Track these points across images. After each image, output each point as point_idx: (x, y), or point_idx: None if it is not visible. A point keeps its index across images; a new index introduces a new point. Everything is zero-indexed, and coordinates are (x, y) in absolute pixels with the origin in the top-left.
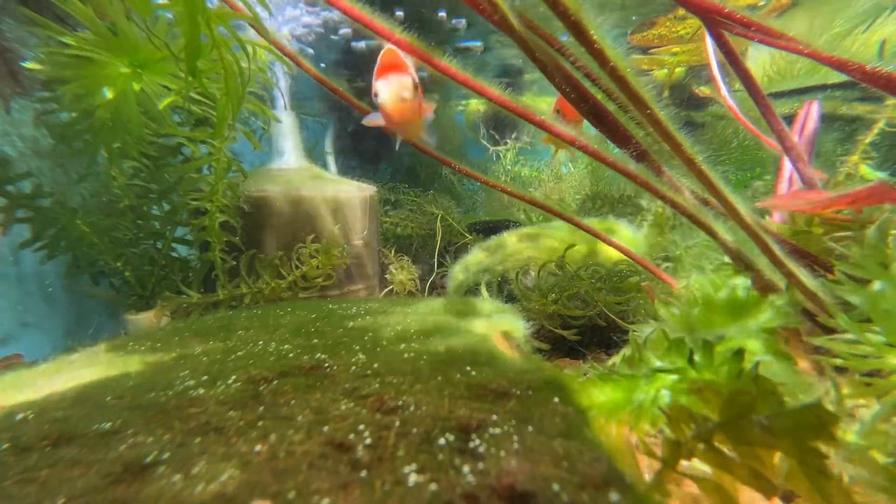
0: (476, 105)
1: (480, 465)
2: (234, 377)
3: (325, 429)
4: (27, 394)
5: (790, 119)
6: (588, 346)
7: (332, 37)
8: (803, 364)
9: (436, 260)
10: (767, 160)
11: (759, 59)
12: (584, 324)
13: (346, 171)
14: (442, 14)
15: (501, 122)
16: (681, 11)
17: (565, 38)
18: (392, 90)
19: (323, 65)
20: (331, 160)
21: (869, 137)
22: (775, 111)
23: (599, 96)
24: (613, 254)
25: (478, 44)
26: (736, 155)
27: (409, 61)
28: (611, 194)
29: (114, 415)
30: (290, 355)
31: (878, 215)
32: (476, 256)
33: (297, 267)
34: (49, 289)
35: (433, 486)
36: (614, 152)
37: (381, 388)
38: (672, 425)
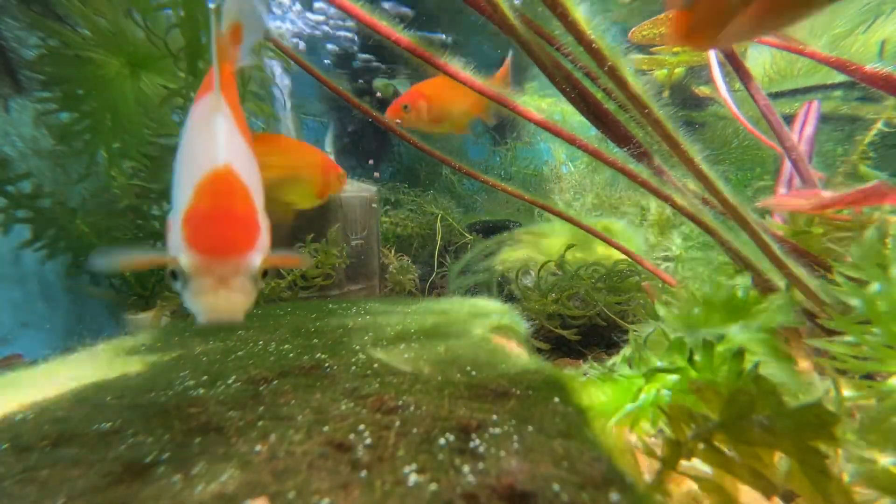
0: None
1: (480, 465)
2: (233, 377)
3: (325, 429)
4: (27, 394)
5: (790, 119)
6: (588, 346)
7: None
8: (803, 364)
9: (436, 260)
10: (767, 160)
11: (759, 59)
12: (584, 324)
13: (345, 170)
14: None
15: (501, 122)
16: None
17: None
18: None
19: (327, 60)
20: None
21: (867, 138)
22: (775, 111)
23: (599, 95)
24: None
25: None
26: (736, 155)
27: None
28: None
29: (114, 415)
30: (290, 355)
31: (878, 215)
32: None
33: None
34: (49, 289)
35: (433, 486)
36: (614, 152)
37: (381, 387)
38: (672, 425)
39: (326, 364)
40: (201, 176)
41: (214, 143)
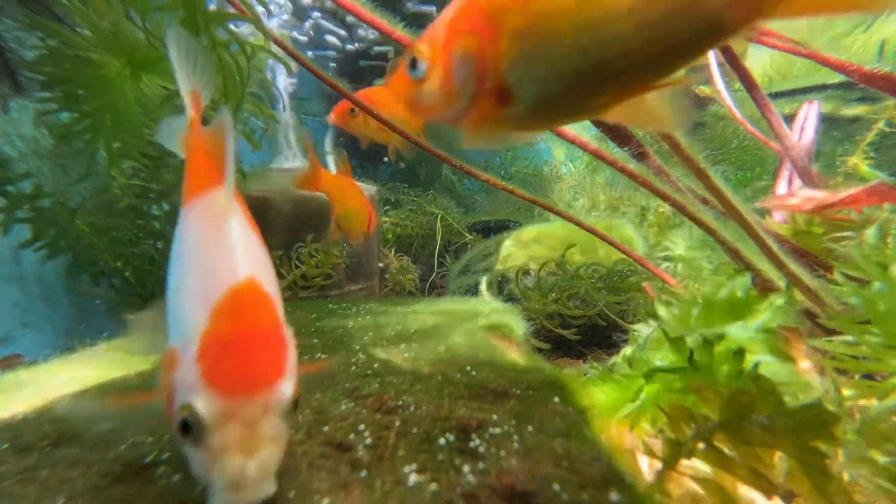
0: None
1: (480, 465)
2: None
3: (326, 428)
4: (28, 393)
5: (790, 119)
6: (588, 346)
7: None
8: (803, 364)
9: (436, 260)
10: (767, 160)
11: (758, 59)
12: (584, 323)
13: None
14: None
15: None
16: None
17: None
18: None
19: (333, 64)
20: (331, 160)
21: (869, 138)
22: (775, 111)
23: None
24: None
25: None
26: (736, 155)
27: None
28: None
29: (114, 415)
30: None
31: (878, 215)
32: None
33: (296, 266)
34: (49, 289)
35: (433, 486)
36: (614, 152)
37: (381, 387)
38: (672, 425)
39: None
40: (220, 294)
41: (232, 253)
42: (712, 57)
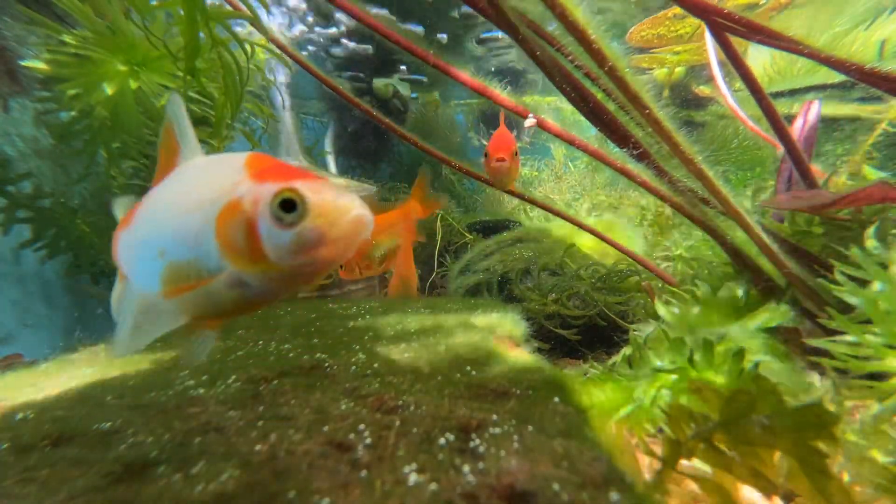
0: None
1: (480, 465)
2: (233, 377)
3: (326, 428)
4: (27, 393)
5: (790, 119)
6: (588, 346)
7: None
8: (803, 364)
9: (436, 260)
10: (767, 160)
11: (759, 59)
12: (585, 323)
13: (346, 170)
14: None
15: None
16: (679, 10)
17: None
18: None
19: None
20: (331, 160)
21: (872, 138)
22: (776, 111)
23: (599, 95)
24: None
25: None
26: (736, 155)
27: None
28: None
29: (114, 414)
30: (290, 355)
31: (879, 215)
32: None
33: None
34: (49, 289)
35: (433, 486)
36: (614, 152)
37: (381, 387)
38: (672, 425)
39: (326, 364)
40: (242, 160)
41: (230, 154)
42: (713, 56)
